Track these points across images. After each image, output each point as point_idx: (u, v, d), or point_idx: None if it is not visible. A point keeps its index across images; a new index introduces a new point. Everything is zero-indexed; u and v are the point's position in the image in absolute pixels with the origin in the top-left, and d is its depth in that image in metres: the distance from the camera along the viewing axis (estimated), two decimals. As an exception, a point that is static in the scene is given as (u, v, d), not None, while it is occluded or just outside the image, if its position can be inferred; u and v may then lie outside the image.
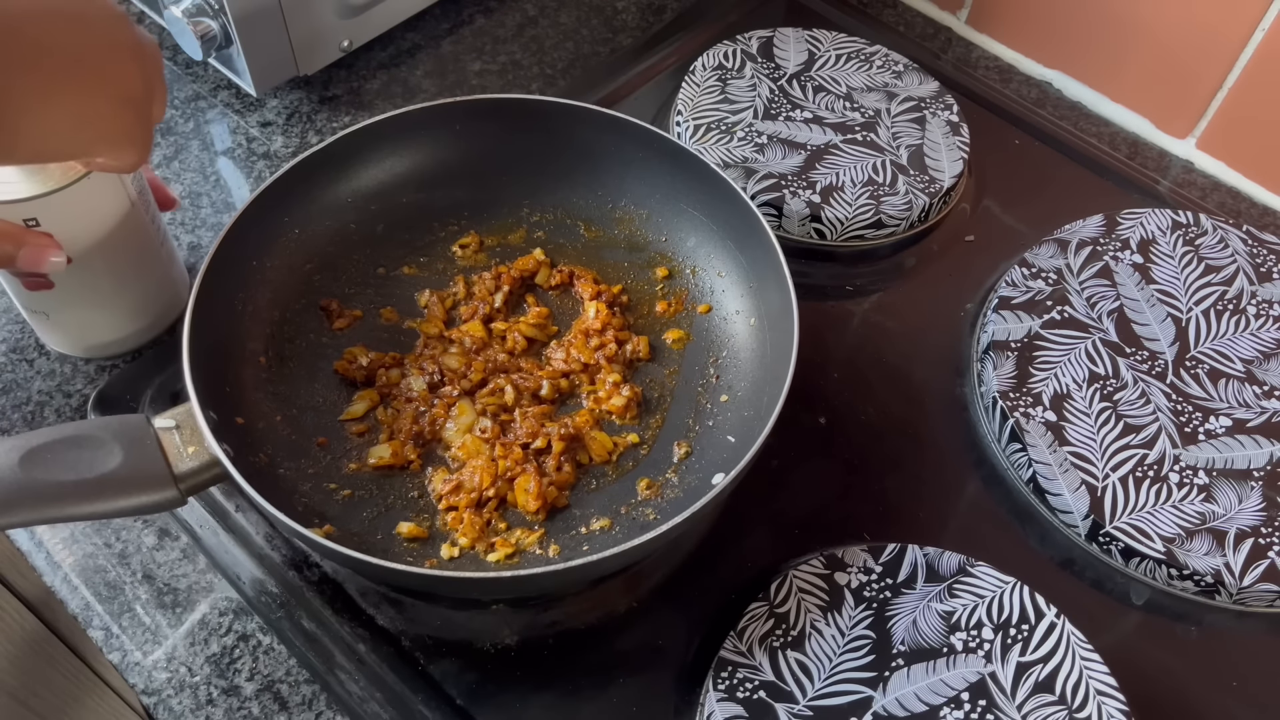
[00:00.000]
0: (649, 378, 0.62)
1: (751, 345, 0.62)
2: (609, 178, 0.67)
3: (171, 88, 0.78)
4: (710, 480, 0.56)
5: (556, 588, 0.55)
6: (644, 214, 0.67)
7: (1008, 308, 0.66)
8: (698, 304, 0.65)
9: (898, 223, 0.70)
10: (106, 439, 0.48)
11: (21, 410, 0.61)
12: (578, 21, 0.86)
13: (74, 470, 0.47)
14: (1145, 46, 0.77)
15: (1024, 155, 0.78)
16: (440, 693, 0.52)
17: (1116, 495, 0.58)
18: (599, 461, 0.59)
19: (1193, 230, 0.70)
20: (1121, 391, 0.62)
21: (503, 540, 0.55)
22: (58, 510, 0.47)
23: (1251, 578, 0.56)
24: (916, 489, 0.61)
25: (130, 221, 0.57)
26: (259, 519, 0.57)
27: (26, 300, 0.59)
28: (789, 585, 0.54)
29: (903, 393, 0.65)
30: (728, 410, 0.60)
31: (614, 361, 0.62)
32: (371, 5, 0.77)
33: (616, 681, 0.53)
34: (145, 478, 0.49)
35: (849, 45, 0.80)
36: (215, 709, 0.52)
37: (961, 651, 0.52)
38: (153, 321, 0.63)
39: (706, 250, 0.65)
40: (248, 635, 0.54)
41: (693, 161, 0.63)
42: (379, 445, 0.58)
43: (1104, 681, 0.51)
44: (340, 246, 0.64)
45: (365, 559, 0.47)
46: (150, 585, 0.55)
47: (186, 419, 0.50)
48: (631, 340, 0.63)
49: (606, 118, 0.65)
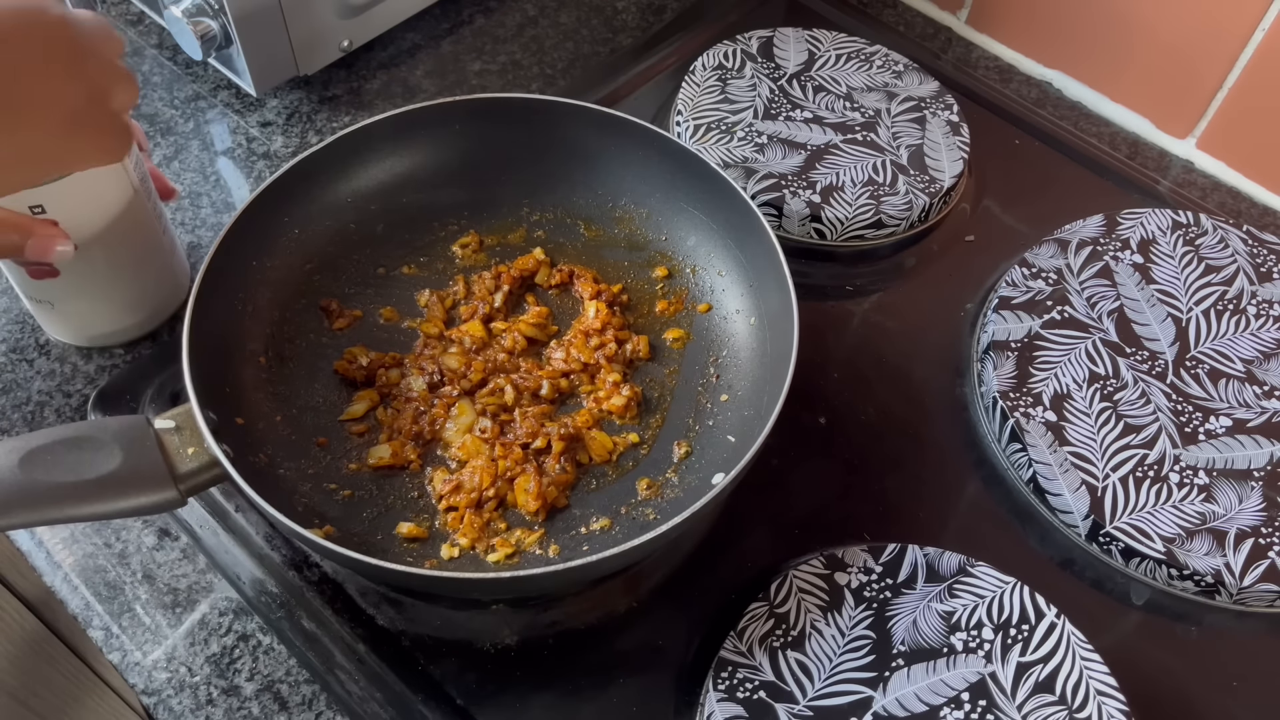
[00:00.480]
0: (649, 377, 0.62)
1: (751, 345, 0.62)
2: (609, 177, 0.67)
3: (171, 88, 0.78)
4: (710, 480, 0.56)
5: (556, 588, 0.55)
6: (644, 213, 0.67)
7: (1008, 308, 0.66)
8: (698, 303, 0.65)
9: (898, 223, 0.70)
10: (106, 440, 0.48)
11: (21, 410, 0.61)
12: (578, 21, 0.86)
13: (74, 471, 0.47)
14: (1145, 46, 0.77)
15: (1024, 155, 0.78)
16: (440, 693, 0.52)
17: (1117, 495, 0.58)
18: (599, 461, 0.59)
19: (1193, 230, 0.70)
20: (1122, 391, 0.62)
21: (503, 540, 0.55)
22: (58, 511, 0.47)
23: (1251, 578, 0.56)
24: (916, 489, 0.61)
25: (134, 207, 0.58)
26: (259, 519, 0.57)
27: (30, 289, 0.60)
28: (789, 585, 0.54)
29: (903, 393, 0.65)
30: (728, 410, 0.60)
31: (614, 361, 0.62)
32: (371, 5, 0.77)
33: (616, 681, 0.53)
34: (145, 478, 0.49)
35: (849, 45, 0.80)
36: (215, 709, 0.52)
37: (962, 652, 0.52)
38: (155, 311, 0.64)
39: (706, 249, 0.65)
40: (248, 635, 0.54)
41: (693, 160, 0.63)
42: (379, 445, 0.58)
43: (1104, 681, 0.51)
44: (340, 246, 0.64)
45: (365, 559, 0.47)
46: (150, 585, 0.55)
47: (186, 419, 0.50)
48: (631, 340, 0.63)
49: (606, 117, 0.65)
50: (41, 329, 0.64)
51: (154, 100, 0.77)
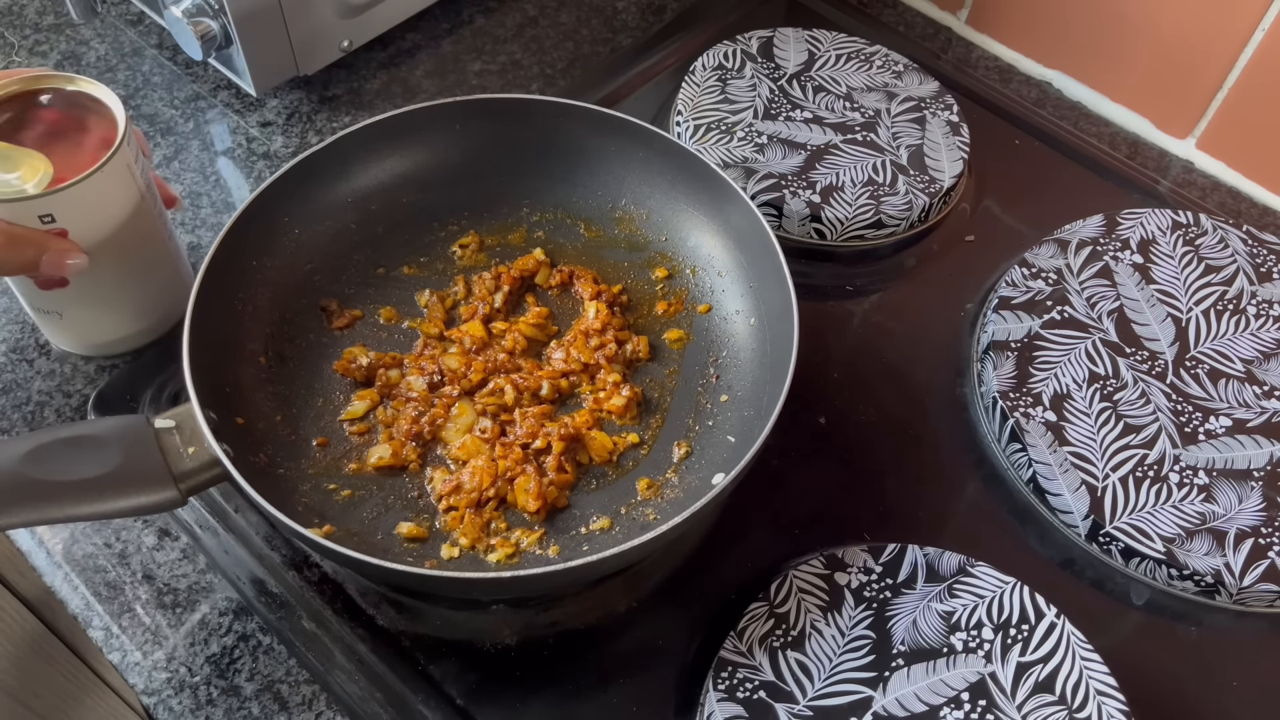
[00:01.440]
0: (649, 378, 0.62)
1: (751, 345, 0.62)
2: (609, 177, 0.67)
3: (171, 88, 0.78)
4: (710, 480, 0.56)
5: (556, 588, 0.55)
6: (644, 214, 0.67)
7: (1008, 308, 0.66)
8: (697, 304, 0.65)
9: (898, 223, 0.70)
10: (107, 439, 0.48)
11: (21, 410, 0.61)
12: (578, 21, 0.86)
13: (75, 471, 0.47)
14: (1145, 46, 0.77)
15: (1024, 155, 0.78)
16: (440, 693, 0.52)
17: (1116, 495, 0.58)
18: (599, 461, 0.59)
19: (1193, 230, 0.70)
20: (1121, 391, 0.62)
21: (503, 540, 0.55)
22: (58, 510, 0.47)
23: (1251, 578, 0.56)
24: (916, 489, 0.61)
25: (141, 213, 0.57)
26: (259, 519, 0.57)
27: (36, 300, 0.59)
28: (789, 585, 0.54)
29: (903, 393, 0.65)
30: (728, 410, 0.60)
31: (614, 361, 0.62)
32: (371, 5, 0.77)
33: (616, 681, 0.53)
34: (145, 478, 0.49)
35: (849, 45, 0.80)
36: (215, 709, 0.52)
37: (961, 651, 0.52)
38: (160, 319, 0.63)
39: (706, 250, 0.65)
40: (248, 635, 0.54)
41: (692, 161, 0.63)
42: (379, 445, 0.58)
43: (1104, 681, 0.51)
44: (340, 246, 0.64)
45: (365, 559, 0.47)
46: (150, 585, 0.55)
47: (187, 419, 0.50)
48: (631, 340, 0.63)
49: (606, 117, 0.65)
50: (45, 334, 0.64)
51: (154, 100, 0.77)
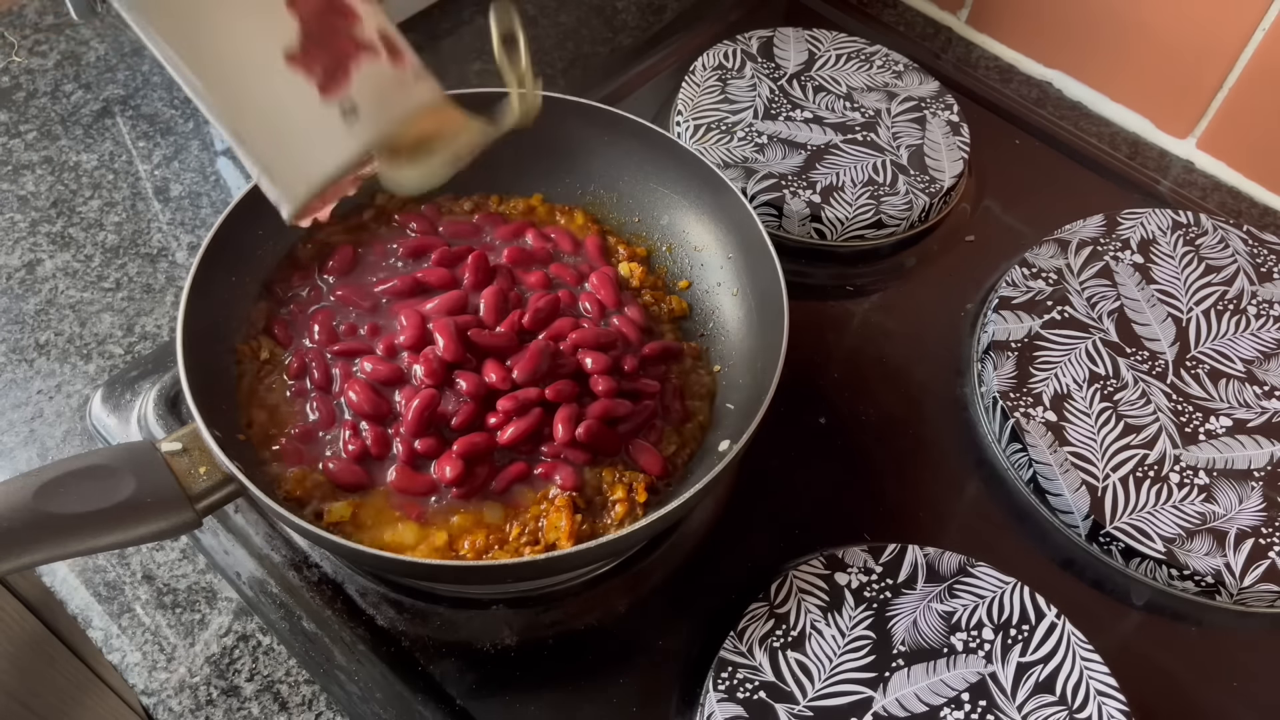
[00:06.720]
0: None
1: (738, 315, 0.62)
2: (579, 160, 0.67)
3: (171, 88, 0.78)
4: (717, 448, 0.56)
5: (571, 570, 0.55)
6: (614, 197, 0.67)
7: (1008, 308, 0.66)
8: (677, 281, 0.65)
9: (898, 223, 0.70)
10: (117, 467, 0.48)
11: (21, 410, 0.61)
12: (578, 21, 0.86)
13: (90, 502, 0.46)
14: (1145, 46, 0.77)
15: (1024, 155, 0.78)
16: (440, 693, 0.52)
17: (1117, 495, 0.58)
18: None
19: (1193, 230, 0.70)
20: (1122, 391, 0.62)
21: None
22: (79, 544, 0.46)
23: (1252, 578, 0.56)
24: (916, 489, 0.61)
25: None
26: (259, 519, 0.57)
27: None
28: (789, 585, 0.54)
29: (903, 393, 0.65)
30: (722, 380, 0.60)
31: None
32: (371, 5, 0.77)
33: (616, 681, 0.53)
34: (161, 503, 0.48)
35: (849, 45, 0.80)
36: (215, 709, 0.52)
37: (962, 652, 0.52)
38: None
39: (680, 226, 0.65)
40: (248, 635, 0.54)
41: (658, 139, 0.64)
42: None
43: (1104, 682, 0.51)
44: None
45: (391, 555, 0.48)
46: (150, 585, 0.55)
47: (192, 440, 0.50)
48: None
49: (608, 116, 0.64)
50: (48, 324, 0.64)
51: (154, 100, 0.77)
